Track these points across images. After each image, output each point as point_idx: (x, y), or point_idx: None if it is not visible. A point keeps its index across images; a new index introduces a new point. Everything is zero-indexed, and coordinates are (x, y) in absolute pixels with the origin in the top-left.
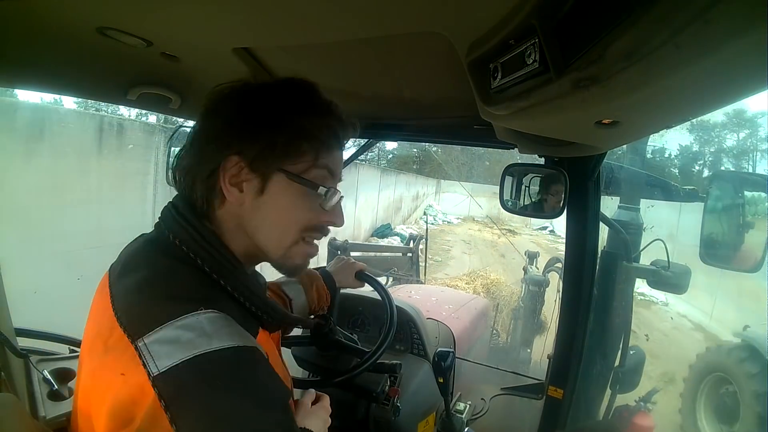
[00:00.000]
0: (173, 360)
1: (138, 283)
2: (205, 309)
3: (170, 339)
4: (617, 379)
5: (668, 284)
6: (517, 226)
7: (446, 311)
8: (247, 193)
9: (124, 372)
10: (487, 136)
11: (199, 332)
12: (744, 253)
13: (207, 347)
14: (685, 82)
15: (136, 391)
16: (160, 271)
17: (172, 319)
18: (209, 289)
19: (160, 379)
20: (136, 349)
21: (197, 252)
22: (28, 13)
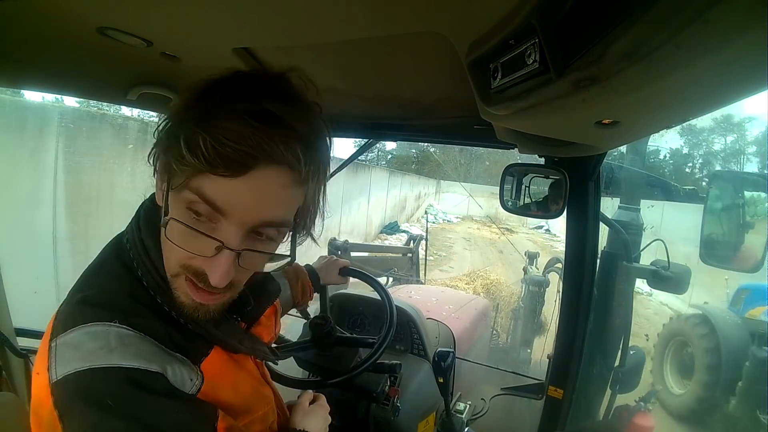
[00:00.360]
0: (69, 368)
1: (82, 278)
2: (120, 323)
3: (75, 344)
4: (617, 379)
5: (668, 284)
6: (514, 225)
7: (446, 311)
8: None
9: (39, 371)
10: (487, 136)
11: (102, 343)
12: (744, 253)
13: (104, 362)
14: (685, 82)
15: (42, 392)
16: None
17: (84, 323)
18: (137, 303)
19: (56, 387)
20: (49, 348)
21: (140, 263)
22: (28, 13)
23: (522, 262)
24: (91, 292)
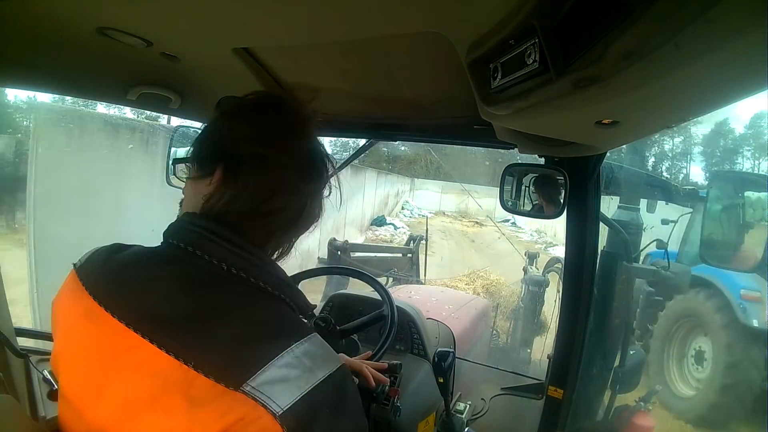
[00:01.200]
0: (292, 397)
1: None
2: (295, 342)
3: (279, 378)
4: (617, 379)
5: (668, 284)
6: (482, 219)
7: (446, 311)
8: None
9: (242, 416)
10: (487, 136)
11: (302, 368)
12: (744, 252)
13: (315, 380)
14: (685, 82)
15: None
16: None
17: (272, 359)
18: (283, 313)
19: (287, 416)
20: (245, 393)
21: (258, 276)
22: (28, 13)
23: (491, 249)
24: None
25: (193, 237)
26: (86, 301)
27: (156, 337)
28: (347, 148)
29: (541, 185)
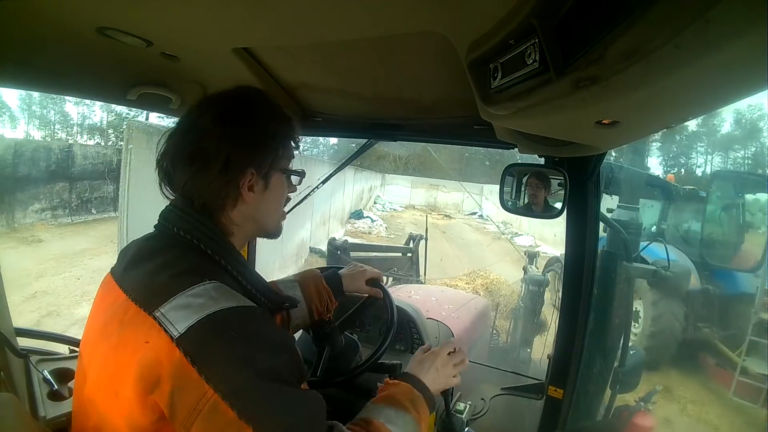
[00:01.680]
0: (189, 321)
1: (151, 269)
2: (209, 280)
3: (183, 305)
4: (617, 379)
5: (668, 284)
6: (451, 212)
7: (446, 311)
8: (257, 193)
9: (147, 340)
10: (487, 136)
11: (206, 298)
12: (744, 253)
13: (216, 308)
14: (685, 82)
15: (160, 353)
16: (169, 256)
17: (183, 290)
18: (211, 267)
19: (182, 339)
20: (154, 319)
21: (200, 238)
22: (28, 13)
23: (460, 239)
24: (177, 268)
25: (166, 214)
26: (110, 284)
27: (124, 284)
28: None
29: (541, 185)
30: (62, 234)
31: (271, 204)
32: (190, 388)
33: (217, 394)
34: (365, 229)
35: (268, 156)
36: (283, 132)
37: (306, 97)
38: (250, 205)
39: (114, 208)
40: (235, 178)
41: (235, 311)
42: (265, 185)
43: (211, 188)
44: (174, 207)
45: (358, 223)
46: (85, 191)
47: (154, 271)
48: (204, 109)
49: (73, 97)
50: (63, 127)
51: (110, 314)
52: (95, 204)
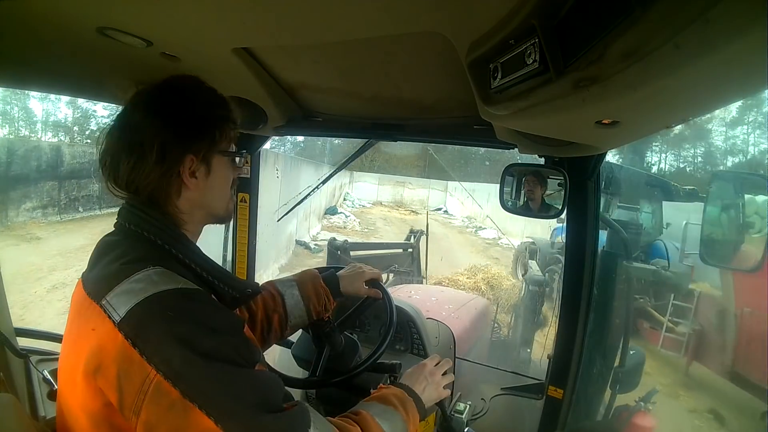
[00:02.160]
0: (129, 305)
1: (104, 263)
2: (153, 266)
3: (126, 291)
4: (617, 379)
5: (668, 284)
6: (417, 208)
7: (446, 311)
8: (200, 179)
9: (94, 327)
10: (487, 136)
11: (147, 282)
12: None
13: (155, 290)
14: (685, 82)
15: (104, 338)
16: (120, 250)
17: (127, 277)
18: (161, 255)
19: (123, 323)
20: (101, 307)
21: (148, 229)
22: (28, 13)
23: (431, 234)
24: (126, 258)
25: (121, 212)
26: (79, 287)
27: (86, 283)
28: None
29: (538, 182)
30: (56, 231)
31: (216, 188)
32: (134, 371)
33: (159, 374)
34: (340, 224)
35: (204, 140)
36: (219, 114)
37: (306, 97)
38: (194, 191)
39: (99, 206)
40: (174, 166)
41: (174, 292)
42: (207, 170)
43: (151, 179)
44: (126, 204)
45: (333, 218)
46: (73, 190)
47: (107, 264)
48: (135, 103)
49: (74, 97)
50: (27, 124)
51: (74, 312)
52: (82, 202)
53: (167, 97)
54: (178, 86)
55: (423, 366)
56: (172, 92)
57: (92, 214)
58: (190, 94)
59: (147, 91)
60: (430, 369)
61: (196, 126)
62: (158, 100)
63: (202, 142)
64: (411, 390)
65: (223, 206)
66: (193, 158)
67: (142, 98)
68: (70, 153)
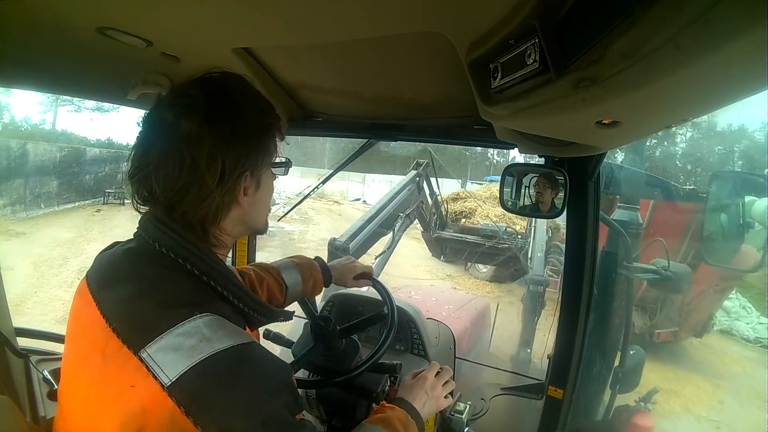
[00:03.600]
0: (181, 367)
1: (130, 294)
2: (200, 313)
3: (173, 347)
4: (617, 379)
5: (668, 284)
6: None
7: (446, 311)
8: (250, 195)
9: (133, 384)
10: (487, 136)
11: (199, 337)
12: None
13: (210, 350)
14: (685, 82)
15: (148, 401)
16: (150, 281)
17: (171, 327)
18: (200, 293)
19: (175, 388)
20: (140, 360)
21: (186, 258)
22: (28, 13)
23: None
24: (163, 296)
25: (145, 225)
26: (86, 296)
27: (102, 306)
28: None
29: (548, 185)
30: (33, 226)
31: (263, 203)
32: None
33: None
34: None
35: (260, 155)
36: (275, 124)
37: (306, 97)
38: (243, 209)
39: (57, 202)
40: (233, 188)
41: (232, 352)
42: (257, 185)
43: (206, 203)
44: (153, 218)
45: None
46: (36, 187)
47: (137, 297)
48: (183, 108)
49: (73, 96)
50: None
51: (91, 341)
52: (44, 199)
53: (220, 105)
54: (228, 90)
55: (424, 379)
56: (222, 99)
57: (52, 210)
58: (244, 99)
59: (190, 95)
60: (431, 383)
61: (254, 139)
62: (210, 109)
63: (259, 157)
64: (412, 408)
65: (265, 220)
66: (248, 175)
67: (188, 104)
68: (33, 151)
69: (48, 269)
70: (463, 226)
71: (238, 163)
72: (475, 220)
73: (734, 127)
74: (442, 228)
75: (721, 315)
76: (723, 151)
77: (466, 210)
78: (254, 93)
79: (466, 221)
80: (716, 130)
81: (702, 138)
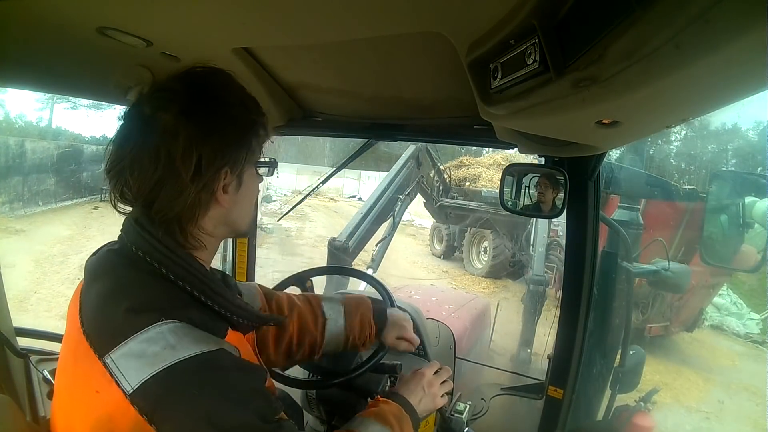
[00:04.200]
0: (143, 375)
1: (101, 294)
2: (166, 319)
3: (136, 353)
4: (617, 379)
5: (668, 284)
6: (334, 196)
7: (446, 311)
8: (230, 193)
9: (98, 389)
10: (487, 136)
11: (163, 344)
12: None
13: (173, 359)
14: (685, 82)
15: (112, 408)
16: (122, 283)
17: (136, 333)
18: (172, 298)
19: (137, 396)
20: (104, 365)
21: (161, 261)
22: (28, 12)
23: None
24: (131, 300)
25: (126, 227)
26: (76, 298)
27: (82, 306)
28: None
29: (549, 185)
30: (32, 224)
31: (245, 203)
32: None
33: None
34: (278, 210)
35: (241, 151)
36: (254, 120)
37: (306, 97)
38: (224, 208)
39: (55, 200)
40: (210, 184)
41: (196, 361)
42: (238, 183)
43: (181, 199)
44: (133, 220)
45: (269, 206)
46: (34, 184)
47: (108, 299)
48: (158, 103)
49: (74, 96)
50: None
51: (70, 342)
52: (42, 196)
53: (199, 98)
54: (209, 84)
55: (422, 375)
56: (202, 92)
57: (50, 207)
58: (225, 94)
59: (170, 88)
60: (429, 379)
61: (234, 134)
62: (188, 102)
63: (239, 153)
64: (408, 403)
65: (248, 221)
66: (228, 172)
67: (166, 98)
68: (31, 148)
69: (49, 266)
70: (467, 189)
71: (215, 157)
72: (480, 184)
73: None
74: (446, 194)
75: (713, 311)
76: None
77: (470, 176)
78: (238, 88)
79: (471, 185)
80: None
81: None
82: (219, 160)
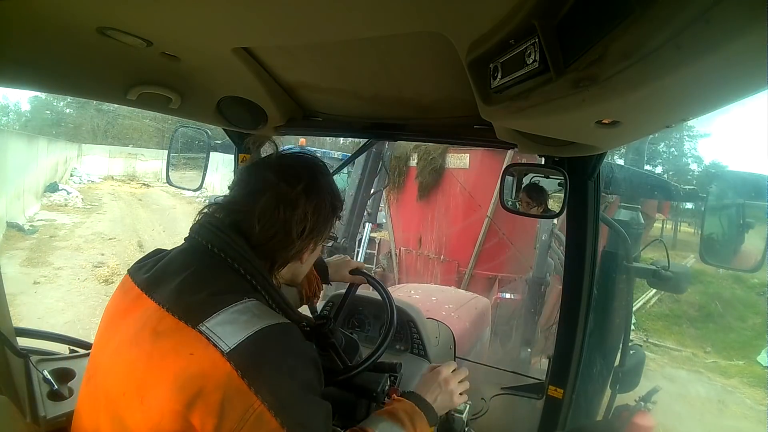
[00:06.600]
0: (238, 337)
1: (185, 283)
2: (248, 298)
3: (229, 321)
4: (617, 379)
5: (668, 284)
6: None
7: (446, 311)
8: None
9: (192, 351)
10: (487, 136)
11: (250, 314)
12: (744, 253)
13: (261, 324)
14: (685, 82)
15: (207, 365)
16: (204, 273)
17: (226, 306)
18: (247, 288)
19: (233, 354)
20: (200, 332)
21: (234, 258)
22: (28, 12)
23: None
24: (214, 288)
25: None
26: (133, 292)
27: (157, 297)
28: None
29: (533, 203)
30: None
31: (309, 265)
32: (237, 400)
33: (264, 405)
34: (61, 201)
35: (328, 227)
36: (338, 205)
37: (306, 97)
38: (301, 265)
39: None
40: (305, 248)
41: (278, 328)
42: (313, 249)
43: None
44: (211, 225)
45: (53, 196)
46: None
47: (190, 287)
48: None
49: (73, 96)
50: None
51: (141, 323)
52: None
53: (318, 181)
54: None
55: (437, 373)
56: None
57: None
58: (328, 180)
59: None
60: (445, 376)
61: (331, 215)
62: (313, 182)
63: (326, 229)
64: (422, 400)
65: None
66: (316, 241)
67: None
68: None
69: None
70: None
71: (314, 229)
72: None
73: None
74: None
75: None
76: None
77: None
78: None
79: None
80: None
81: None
82: (316, 232)
